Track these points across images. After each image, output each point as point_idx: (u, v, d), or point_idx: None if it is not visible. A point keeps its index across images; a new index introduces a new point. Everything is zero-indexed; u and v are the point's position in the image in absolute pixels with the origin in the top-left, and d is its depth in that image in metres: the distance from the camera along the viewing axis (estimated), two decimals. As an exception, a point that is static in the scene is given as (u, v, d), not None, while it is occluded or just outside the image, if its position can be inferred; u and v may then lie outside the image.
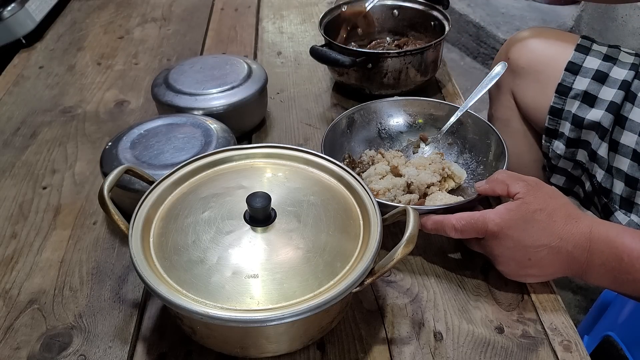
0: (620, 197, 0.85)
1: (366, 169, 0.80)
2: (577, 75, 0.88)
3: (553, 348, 0.59)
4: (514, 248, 0.61)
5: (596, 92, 0.86)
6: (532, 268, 0.62)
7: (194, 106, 0.86)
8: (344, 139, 0.83)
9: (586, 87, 0.87)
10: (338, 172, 0.65)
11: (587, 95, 0.87)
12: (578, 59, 0.88)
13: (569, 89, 0.89)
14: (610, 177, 0.85)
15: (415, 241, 0.54)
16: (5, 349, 0.61)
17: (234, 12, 1.35)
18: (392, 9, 1.09)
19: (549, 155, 0.95)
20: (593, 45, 0.90)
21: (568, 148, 0.91)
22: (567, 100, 0.89)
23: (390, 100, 0.87)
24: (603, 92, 0.86)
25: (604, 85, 0.86)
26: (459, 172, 0.79)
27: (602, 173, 0.86)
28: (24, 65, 1.16)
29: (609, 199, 0.86)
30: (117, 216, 0.59)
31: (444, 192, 0.76)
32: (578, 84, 0.88)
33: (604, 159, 0.85)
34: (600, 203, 0.89)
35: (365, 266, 0.54)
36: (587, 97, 0.87)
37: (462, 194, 0.77)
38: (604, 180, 0.86)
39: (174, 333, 0.62)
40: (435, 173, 0.76)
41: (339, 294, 0.52)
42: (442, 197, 0.74)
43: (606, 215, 0.88)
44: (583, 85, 0.87)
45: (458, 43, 2.52)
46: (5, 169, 0.87)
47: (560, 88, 0.89)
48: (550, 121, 0.92)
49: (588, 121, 0.86)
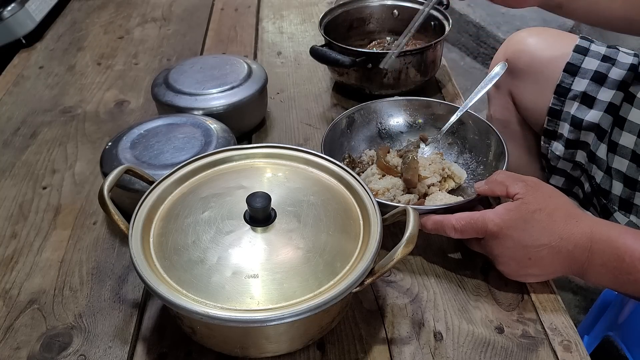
0: (620, 198, 0.85)
1: (366, 169, 0.80)
2: (576, 76, 0.88)
3: (553, 348, 0.59)
4: (514, 248, 0.61)
5: (595, 93, 0.86)
6: (532, 268, 0.62)
7: (194, 106, 0.86)
8: (344, 138, 0.83)
9: (585, 88, 0.87)
10: (338, 172, 0.65)
11: (585, 96, 0.87)
12: (576, 60, 0.88)
13: (567, 90, 0.88)
14: (609, 179, 0.85)
15: (415, 241, 0.54)
16: (5, 349, 0.61)
17: (234, 12, 1.35)
18: (392, 9, 1.09)
19: (548, 156, 0.95)
20: (592, 45, 0.90)
21: (567, 149, 0.91)
22: (566, 101, 0.89)
23: (390, 100, 0.87)
24: (602, 93, 0.86)
25: (602, 86, 0.86)
26: (459, 172, 0.79)
27: (601, 174, 0.86)
28: (24, 65, 1.16)
29: (608, 200, 0.86)
30: (117, 216, 0.59)
31: (444, 192, 0.76)
32: (577, 85, 0.88)
33: (602, 160, 0.85)
34: (600, 204, 0.89)
35: (365, 266, 0.54)
36: (585, 98, 0.87)
37: (462, 194, 0.77)
38: (603, 182, 0.86)
39: (174, 333, 0.62)
40: (435, 173, 0.76)
41: (339, 294, 0.52)
42: (442, 197, 0.74)
43: (605, 216, 0.88)
44: (582, 87, 0.87)
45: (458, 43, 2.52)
46: (5, 169, 0.87)
47: (559, 89, 0.89)
48: (549, 122, 0.92)
49: (587, 122, 0.86)
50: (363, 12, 1.09)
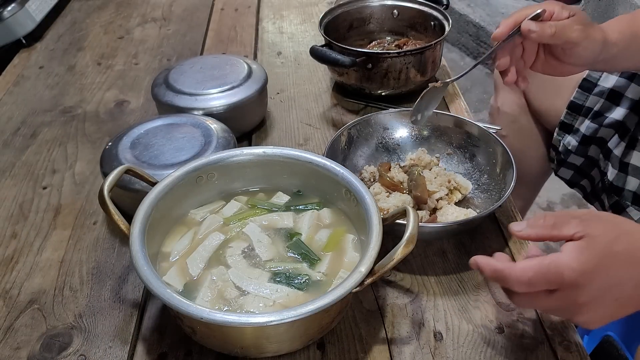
0: (634, 194, 0.84)
1: (369, 186, 0.77)
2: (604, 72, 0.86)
3: (553, 348, 0.59)
4: (599, 293, 0.50)
5: (623, 90, 0.84)
6: (620, 310, 0.53)
7: (194, 106, 0.86)
8: (343, 155, 0.81)
9: (613, 85, 0.85)
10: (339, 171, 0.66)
11: (613, 93, 0.85)
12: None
13: (593, 85, 0.87)
14: (623, 175, 0.84)
15: (415, 241, 0.54)
16: (6, 349, 0.61)
17: (234, 12, 1.35)
18: (392, 9, 1.09)
19: (559, 149, 0.94)
20: None
21: (581, 145, 0.90)
22: (590, 96, 0.87)
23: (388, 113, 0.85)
24: (631, 90, 0.84)
25: (632, 82, 0.84)
26: (465, 183, 0.78)
27: (614, 172, 0.85)
28: (24, 65, 1.16)
29: (621, 197, 0.85)
30: (117, 216, 0.59)
31: (452, 205, 0.75)
32: (604, 81, 0.86)
33: (617, 157, 0.84)
34: (610, 201, 0.88)
35: (365, 266, 0.54)
36: (613, 96, 0.85)
37: (469, 205, 0.77)
38: (616, 179, 0.85)
39: (174, 333, 0.62)
40: (442, 186, 0.76)
41: (339, 294, 0.52)
42: (453, 210, 0.73)
43: (617, 211, 0.87)
44: (609, 83, 0.86)
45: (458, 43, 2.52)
46: (5, 169, 0.87)
47: (585, 83, 0.88)
48: (567, 116, 0.90)
49: (610, 120, 0.85)
50: (363, 12, 1.09)
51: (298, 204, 0.69)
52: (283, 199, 0.70)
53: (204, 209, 0.68)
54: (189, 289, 0.59)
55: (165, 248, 0.64)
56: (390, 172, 0.79)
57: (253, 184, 0.70)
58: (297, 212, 0.68)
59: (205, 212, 0.68)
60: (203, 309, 0.51)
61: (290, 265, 0.61)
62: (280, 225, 0.66)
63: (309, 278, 0.60)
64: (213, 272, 0.61)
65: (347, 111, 0.99)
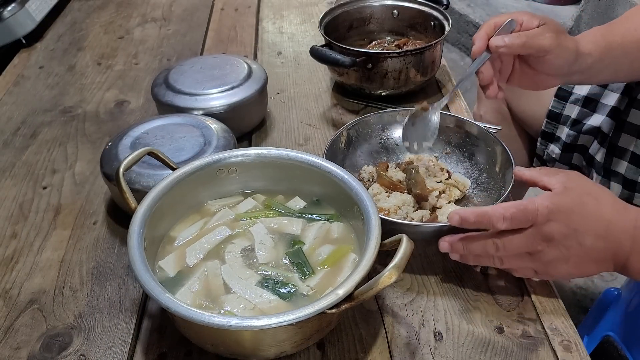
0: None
1: (367, 186, 0.78)
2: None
3: (553, 348, 0.59)
4: (567, 232, 0.59)
5: (598, 97, 0.85)
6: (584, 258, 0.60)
7: (194, 106, 0.86)
8: (342, 155, 0.80)
9: (587, 92, 0.86)
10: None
11: (588, 100, 0.86)
12: None
13: (569, 94, 0.88)
14: (607, 181, 0.85)
15: (402, 271, 0.51)
16: (5, 349, 0.61)
17: (234, 12, 1.35)
18: (392, 9, 1.09)
19: (544, 158, 0.95)
20: None
21: (563, 152, 0.91)
22: (567, 105, 0.89)
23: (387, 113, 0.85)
24: (605, 97, 0.85)
25: (606, 89, 0.85)
26: (463, 180, 0.78)
27: (598, 178, 0.86)
28: (24, 65, 1.16)
29: None
30: (128, 194, 0.60)
31: (453, 204, 0.75)
32: (579, 88, 0.87)
33: (600, 163, 0.85)
34: None
35: (344, 289, 0.51)
36: (588, 102, 0.86)
37: (469, 204, 0.77)
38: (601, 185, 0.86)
39: (174, 333, 0.62)
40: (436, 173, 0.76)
41: (311, 314, 0.50)
42: (453, 209, 0.73)
43: None
44: (584, 91, 0.87)
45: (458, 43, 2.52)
46: (5, 169, 0.87)
47: (560, 92, 0.89)
48: (548, 125, 0.91)
49: (588, 127, 0.86)
50: (363, 12, 1.09)
51: (311, 213, 0.68)
52: (299, 205, 0.69)
53: (221, 202, 0.69)
54: (180, 276, 0.60)
55: (173, 232, 0.65)
56: (388, 172, 0.79)
57: (275, 185, 0.70)
58: (309, 220, 0.67)
59: (221, 204, 0.68)
60: (166, 296, 0.51)
61: (282, 273, 0.61)
62: (288, 230, 0.65)
63: (296, 289, 0.58)
64: (208, 265, 0.61)
65: (347, 111, 0.99)
